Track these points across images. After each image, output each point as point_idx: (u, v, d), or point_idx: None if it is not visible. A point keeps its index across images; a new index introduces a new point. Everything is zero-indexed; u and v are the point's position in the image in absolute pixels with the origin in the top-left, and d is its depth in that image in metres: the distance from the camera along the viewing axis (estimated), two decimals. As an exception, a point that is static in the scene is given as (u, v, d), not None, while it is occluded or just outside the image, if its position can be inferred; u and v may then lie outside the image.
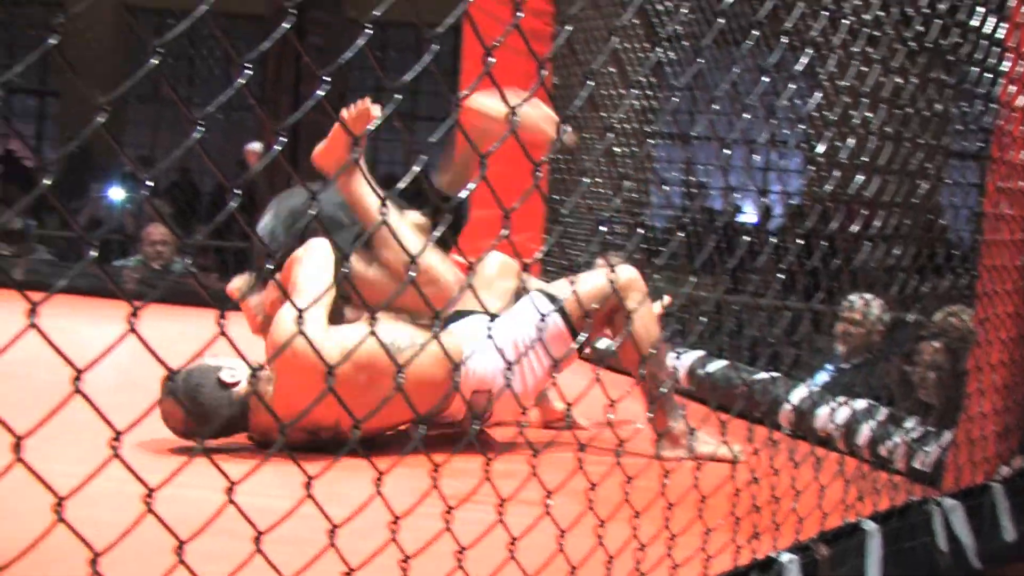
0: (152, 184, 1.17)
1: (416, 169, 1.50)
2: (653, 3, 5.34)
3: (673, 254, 4.95)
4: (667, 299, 3.62)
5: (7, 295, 1.10)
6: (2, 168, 10.84)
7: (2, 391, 2.35)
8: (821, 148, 2.84)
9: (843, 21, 2.35)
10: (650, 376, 2.98)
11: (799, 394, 3.61)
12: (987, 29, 2.83)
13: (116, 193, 9.17)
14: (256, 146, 6.84)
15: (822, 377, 4.69)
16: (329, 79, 1.29)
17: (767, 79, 2.02)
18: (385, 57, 11.47)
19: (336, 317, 3.01)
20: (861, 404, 3.29)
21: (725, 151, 2.30)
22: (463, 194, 1.88)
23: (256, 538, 1.25)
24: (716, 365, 4.26)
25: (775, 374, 3.76)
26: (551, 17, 6.08)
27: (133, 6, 10.26)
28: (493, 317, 3.12)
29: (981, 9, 2.80)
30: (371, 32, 1.34)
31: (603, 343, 4.47)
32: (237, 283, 3.31)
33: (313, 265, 2.99)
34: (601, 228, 4.36)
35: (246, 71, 1.24)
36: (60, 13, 1.18)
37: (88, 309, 4.44)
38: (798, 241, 2.34)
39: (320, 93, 1.33)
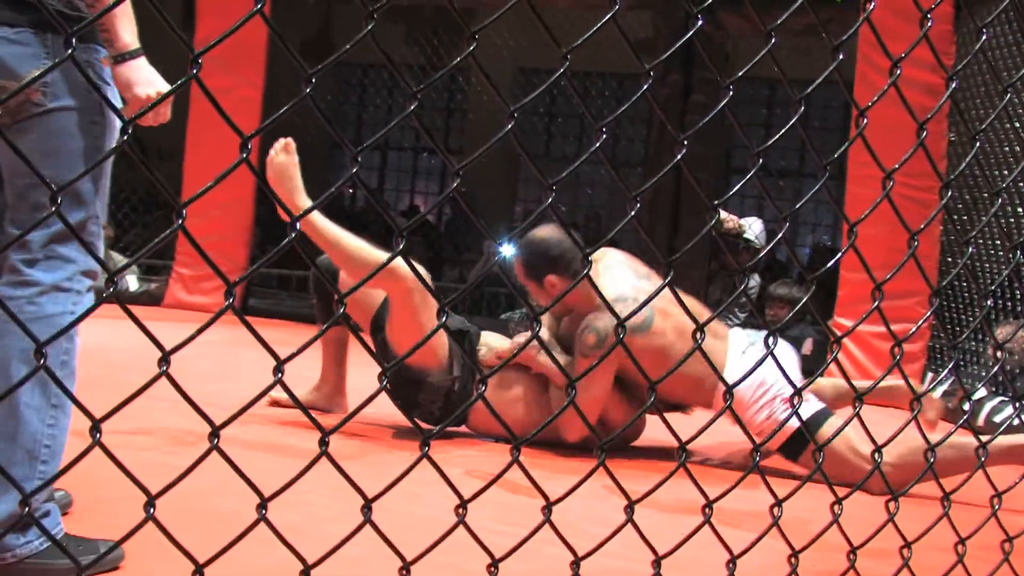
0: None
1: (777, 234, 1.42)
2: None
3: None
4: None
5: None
6: (407, 222, 11.61)
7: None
8: None
9: None
10: None
11: None
12: None
13: (506, 249, 9.55)
14: (727, 216, 6.99)
15: None
16: (685, 142, 1.25)
17: None
18: (771, 115, 11.30)
19: None
20: None
21: None
22: (832, 261, 1.77)
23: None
24: None
25: None
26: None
27: (529, 68, 10.70)
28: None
29: None
30: (731, 92, 1.28)
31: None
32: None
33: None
34: (990, 298, 4.02)
35: (602, 134, 1.22)
36: (464, 80, 1.20)
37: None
38: None
39: (678, 156, 1.29)
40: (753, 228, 7.47)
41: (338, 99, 11.92)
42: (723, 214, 7.58)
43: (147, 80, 2.17)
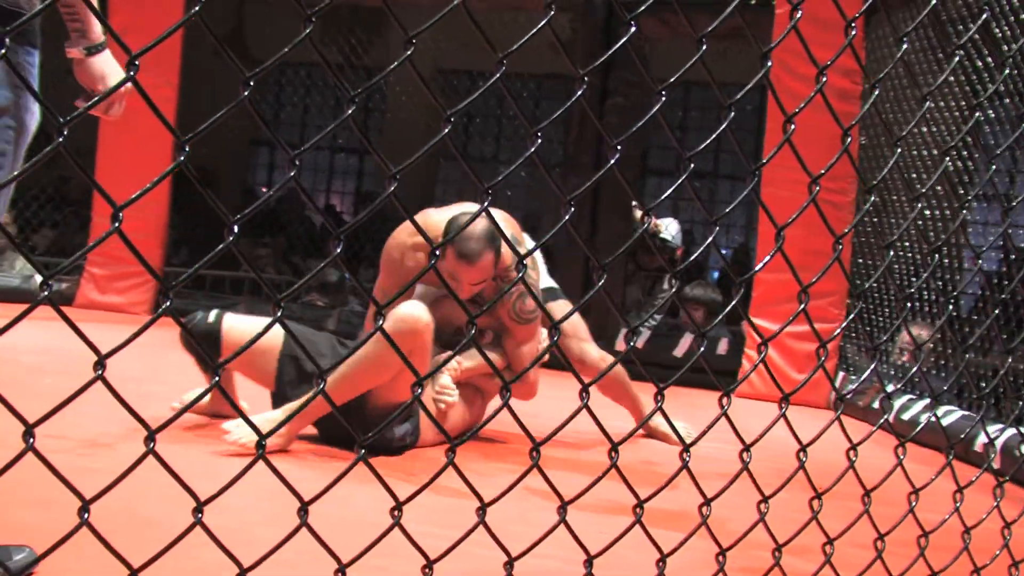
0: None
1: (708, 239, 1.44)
2: (972, 60, 5.07)
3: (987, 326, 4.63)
4: None
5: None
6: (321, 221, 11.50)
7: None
8: None
9: None
10: None
11: None
12: None
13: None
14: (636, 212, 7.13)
15: None
16: (620, 147, 1.27)
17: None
18: (686, 118, 11.43)
19: None
20: None
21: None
22: (757, 267, 1.80)
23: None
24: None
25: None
26: (860, 76, 5.88)
27: (448, 69, 10.68)
28: None
29: None
30: (664, 97, 1.30)
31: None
32: None
33: None
34: (909, 300, 4.11)
35: (538, 138, 1.23)
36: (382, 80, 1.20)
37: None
38: None
39: (612, 160, 1.30)
40: (670, 229, 7.56)
41: (254, 97, 11.78)
42: (638, 212, 7.66)
43: (117, 73, 2.12)
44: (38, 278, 7.64)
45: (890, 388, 5.54)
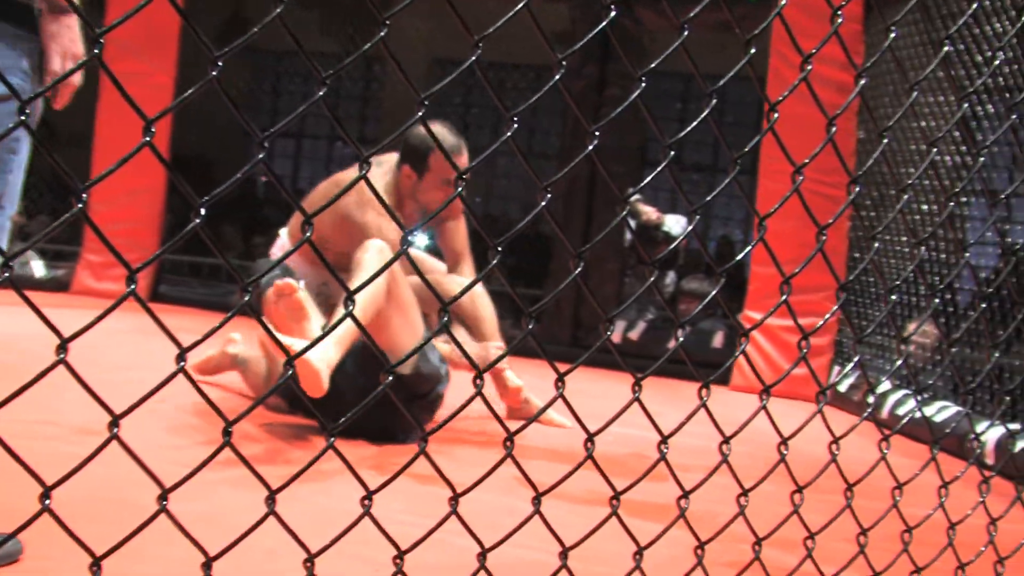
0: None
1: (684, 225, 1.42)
2: (972, 54, 5.05)
3: (977, 322, 4.61)
4: None
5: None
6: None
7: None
8: None
9: None
10: None
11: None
12: None
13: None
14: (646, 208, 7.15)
15: None
16: (597, 133, 1.25)
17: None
18: (685, 110, 11.40)
19: None
20: None
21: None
22: (740, 255, 1.78)
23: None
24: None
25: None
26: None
27: (445, 58, 10.65)
28: None
29: None
30: (644, 84, 1.28)
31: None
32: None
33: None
34: (893, 293, 4.08)
35: (514, 124, 1.22)
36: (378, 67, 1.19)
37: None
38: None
39: (589, 147, 1.28)
40: (676, 224, 7.58)
41: (251, 86, 11.73)
42: (642, 205, 7.65)
43: (71, 40, 2.05)
44: (35, 264, 7.64)
45: (886, 384, 5.53)
